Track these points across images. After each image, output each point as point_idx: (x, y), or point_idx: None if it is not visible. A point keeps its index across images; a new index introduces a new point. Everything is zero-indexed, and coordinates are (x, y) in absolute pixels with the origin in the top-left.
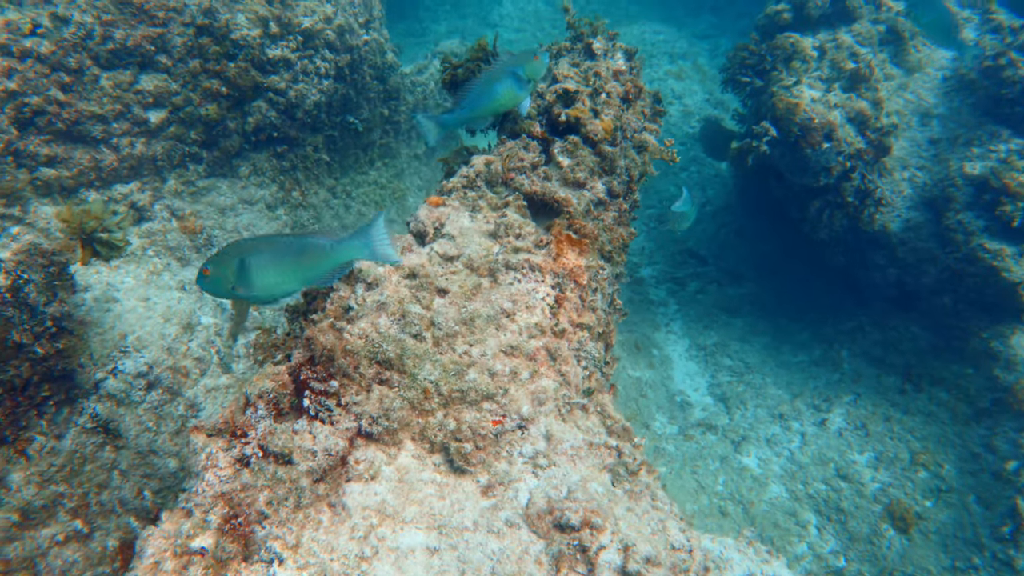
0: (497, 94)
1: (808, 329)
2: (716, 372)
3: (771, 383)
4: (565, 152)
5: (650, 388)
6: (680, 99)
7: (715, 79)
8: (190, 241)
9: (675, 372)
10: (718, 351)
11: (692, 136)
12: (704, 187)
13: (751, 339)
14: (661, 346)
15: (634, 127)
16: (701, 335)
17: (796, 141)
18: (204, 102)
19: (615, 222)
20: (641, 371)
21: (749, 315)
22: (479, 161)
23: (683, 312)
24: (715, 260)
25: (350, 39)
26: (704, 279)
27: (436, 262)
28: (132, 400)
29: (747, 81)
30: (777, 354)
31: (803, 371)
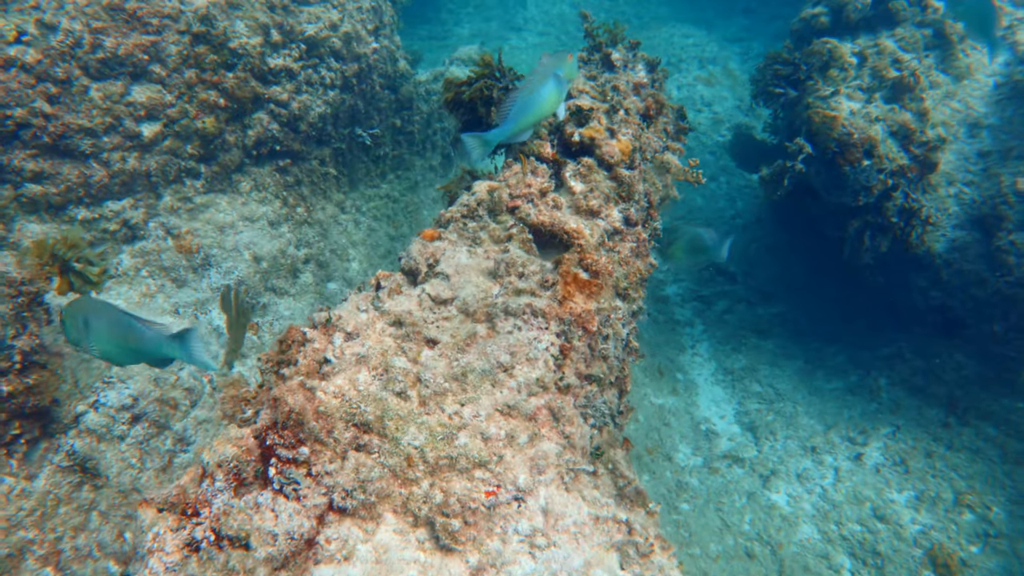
0: (543, 99)
1: (843, 353)
2: (744, 399)
3: (803, 412)
4: (578, 176)
5: (673, 416)
6: (710, 106)
7: (746, 85)
8: (186, 261)
9: (700, 398)
10: (747, 376)
11: (722, 145)
12: (734, 199)
13: (782, 363)
14: (686, 370)
15: (655, 147)
16: (729, 358)
17: (833, 158)
18: (201, 114)
19: (632, 254)
20: (664, 398)
21: (780, 337)
22: (481, 188)
23: (710, 333)
24: (744, 277)
25: (358, 47)
26: (732, 298)
27: (427, 306)
28: (115, 435)
29: (780, 92)
30: (810, 380)
31: (837, 399)
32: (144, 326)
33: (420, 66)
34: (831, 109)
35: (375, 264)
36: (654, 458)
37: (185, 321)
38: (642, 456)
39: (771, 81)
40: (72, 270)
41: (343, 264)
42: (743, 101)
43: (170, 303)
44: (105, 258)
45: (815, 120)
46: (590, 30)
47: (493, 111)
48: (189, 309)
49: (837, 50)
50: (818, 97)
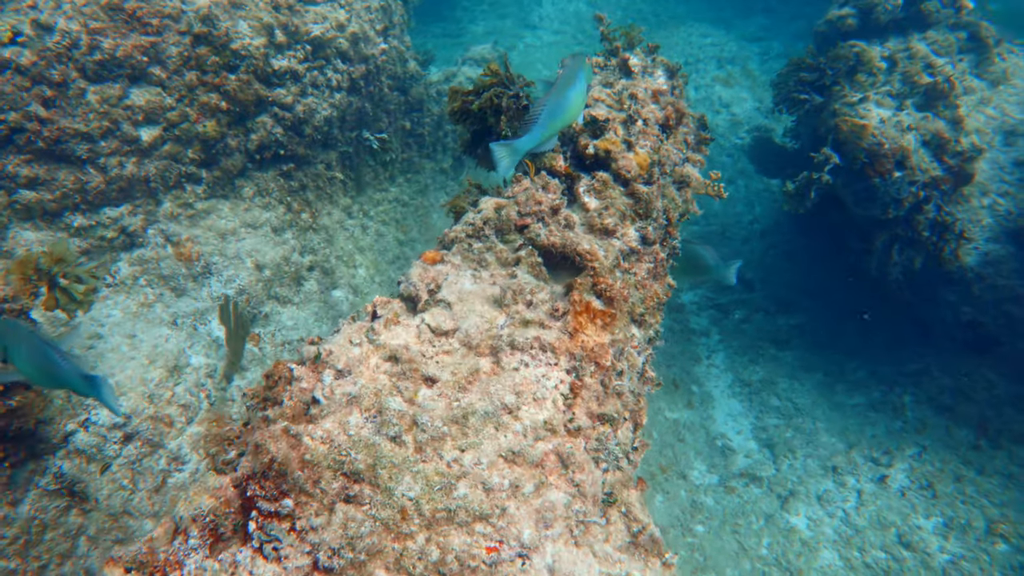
0: (570, 104)
1: (865, 367)
2: (762, 413)
3: (823, 429)
4: (592, 192)
5: (688, 431)
6: (728, 107)
7: (766, 85)
8: (186, 269)
9: (716, 412)
10: (764, 389)
11: (740, 148)
12: (752, 203)
13: (801, 376)
14: (702, 382)
15: (674, 159)
16: (746, 370)
17: (862, 169)
18: (202, 118)
19: (649, 275)
20: (679, 412)
21: (799, 348)
22: (488, 205)
23: (726, 343)
24: (762, 285)
25: (366, 48)
26: (750, 307)
27: (426, 339)
28: (106, 455)
29: (804, 99)
30: (830, 394)
31: (859, 416)
32: (61, 358)
33: (433, 65)
34: (860, 117)
35: (382, 270)
36: (668, 476)
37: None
38: (656, 475)
39: (795, 87)
40: (59, 287)
41: (349, 271)
42: (762, 102)
43: (168, 313)
44: (97, 274)
45: (843, 129)
46: (606, 33)
47: (503, 120)
48: (188, 319)
49: (865, 54)
50: (845, 104)
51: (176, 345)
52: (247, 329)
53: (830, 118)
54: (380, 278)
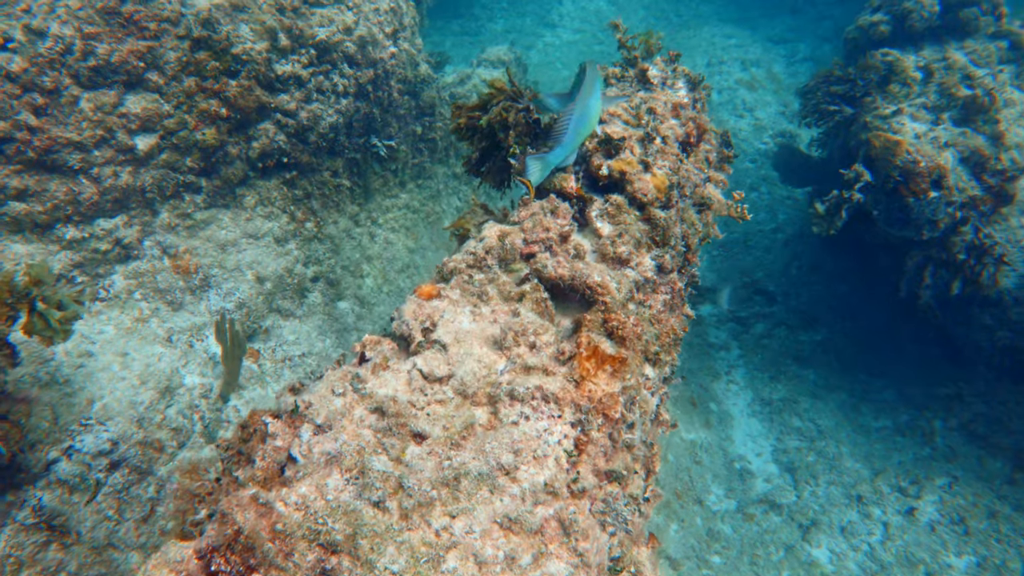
0: (592, 115)
1: (892, 387)
2: (783, 434)
3: (847, 453)
4: (605, 216)
5: (706, 453)
6: (752, 111)
7: (791, 89)
8: (183, 282)
9: (735, 432)
10: (786, 408)
11: (764, 153)
12: (775, 211)
13: (824, 396)
14: (720, 399)
15: (695, 179)
16: (767, 387)
17: (896, 188)
18: (201, 126)
19: (666, 308)
20: (696, 432)
21: (823, 366)
22: (491, 233)
23: (747, 359)
24: (785, 298)
25: (374, 52)
26: (772, 321)
27: (417, 386)
28: (90, 484)
29: (834, 110)
30: (855, 416)
31: (886, 440)
32: None
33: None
34: (893, 132)
35: (391, 279)
36: (684, 503)
37: None
38: (671, 503)
39: (823, 99)
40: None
41: (356, 281)
42: (787, 107)
43: (164, 328)
44: (81, 298)
45: (875, 144)
46: (623, 41)
47: (511, 136)
48: (184, 336)
49: (899, 63)
50: (877, 116)
51: (169, 364)
52: (244, 348)
53: (861, 132)
54: (388, 287)
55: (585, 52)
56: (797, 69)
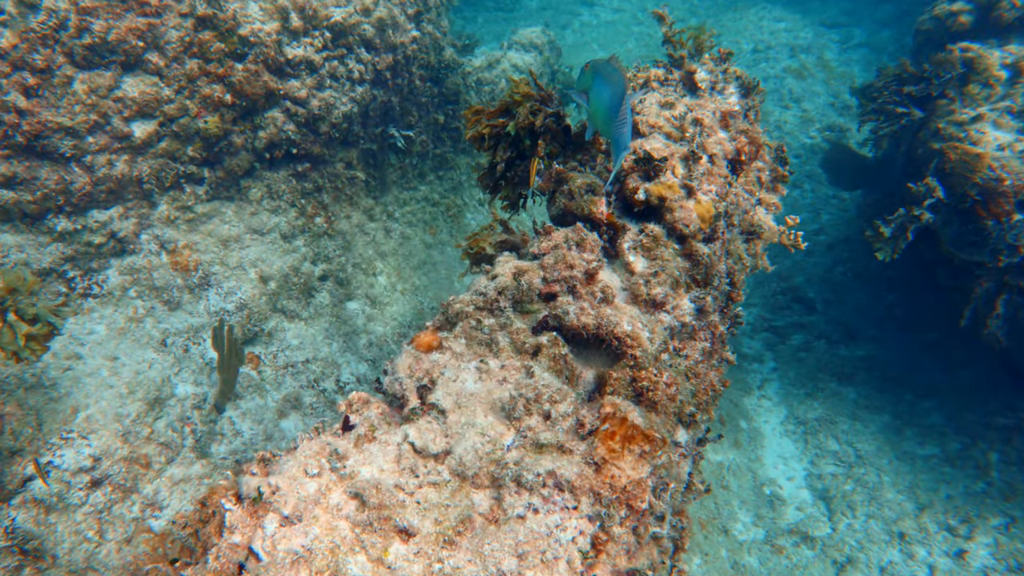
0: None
1: (941, 411)
2: (818, 458)
3: (889, 483)
4: (639, 249)
5: (733, 475)
6: (799, 102)
7: (843, 78)
8: (182, 280)
9: (766, 453)
10: (822, 429)
11: (810, 148)
12: (818, 211)
13: (865, 417)
14: (751, 416)
15: (744, 205)
16: (802, 405)
17: (972, 208)
18: (203, 112)
19: (705, 356)
20: (724, 452)
21: (864, 384)
22: (506, 271)
23: (781, 373)
24: (826, 307)
25: (394, 36)
26: (810, 332)
27: (407, 464)
28: (69, 503)
29: (902, 112)
30: (898, 440)
31: (933, 471)
32: None
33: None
34: (972, 142)
35: (406, 277)
36: (708, 533)
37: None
38: (694, 534)
39: (891, 99)
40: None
41: (368, 279)
42: (837, 97)
43: (159, 329)
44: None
45: (951, 157)
46: (669, 35)
47: (541, 145)
48: (180, 339)
49: (981, 60)
50: (952, 122)
51: (161, 372)
52: (241, 357)
53: (932, 139)
54: (403, 286)
55: (623, 33)
56: (850, 56)
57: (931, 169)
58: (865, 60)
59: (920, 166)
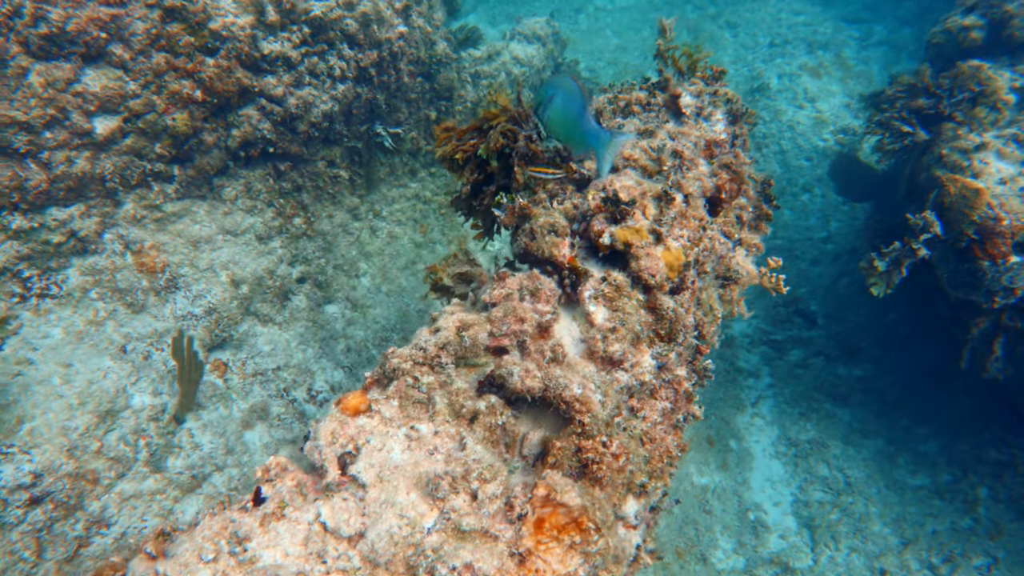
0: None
1: (936, 438)
2: (807, 483)
3: (876, 514)
4: (600, 299)
5: (718, 499)
6: (813, 103)
7: (861, 78)
8: (147, 282)
9: (754, 475)
10: (813, 452)
11: (822, 151)
12: (827, 217)
13: (858, 442)
14: (742, 435)
15: (721, 250)
16: (795, 425)
17: (969, 247)
18: (171, 109)
19: (664, 417)
20: (710, 475)
21: (860, 407)
22: (449, 324)
23: (777, 390)
24: (827, 322)
25: (379, 32)
26: (810, 348)
27: (316, 548)
28: (4, 522)
29: (907, 132)
30: (890, 468)
31: (921, 503)
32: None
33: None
34: (973, 174)
35: (392, 278)
36: (685, 562)
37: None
38: (669, 564)
39: (899, 114)
40: None
41: (350, 281)
42: (853, 98)
43: (121, 334)
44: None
45: (950, 191)
46: (663, 49)
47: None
48: (142, 344)
49: (991, 81)
50: (956, 149)
51: (116, 382)
52: (201, 371)
53: (935, 165)
54: (388, 287)
55: (639, 20)
56: (869, 55)
57: (931, 200)
58: (884, 59)
59: (922, 193)
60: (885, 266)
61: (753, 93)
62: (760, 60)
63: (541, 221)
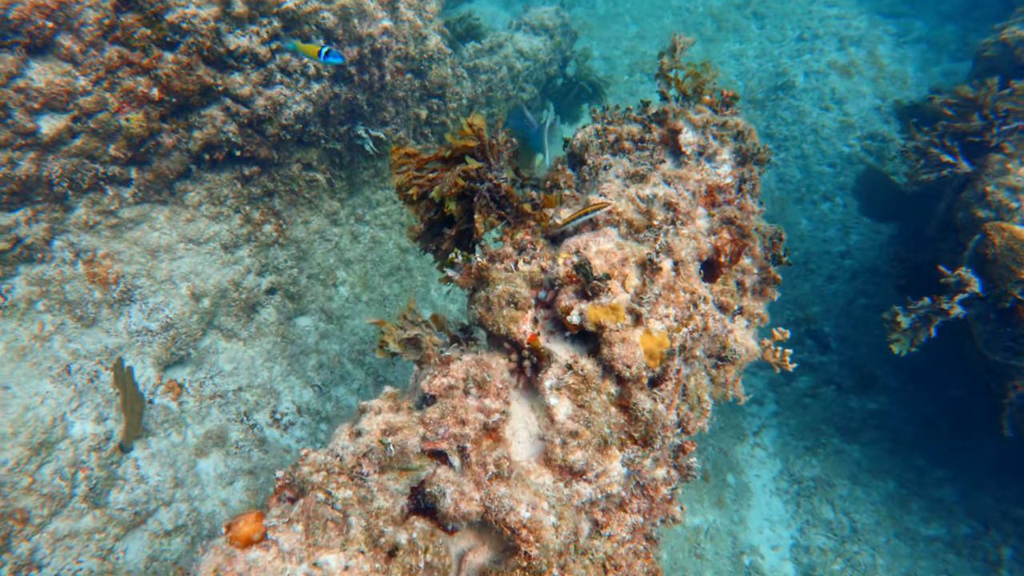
0: None
1: (954, 484)
2: (808, 526)
3: (883, 568)
4: (564, 391)
5: (711, 541)
6: (840, 104)
7: (894, 79)
8: (100, 294)
9: (752, 514)
10: (818, 492)
11: (847, 158)
12: (848, 229)
13: (868, 483)
14: (741, 469)
15: (715, 328)
16: (799, 460)
17: (1014, 309)
18: (126, 108)
19: (633, 535)
20: (704, 513)
21: (872, 444)
22: (373, 427)
23: (782, 420)
24: (841, 346)
25: (360, 26)
26: (820, 375)
27: None
28: None
29: (948, 162)
30: (901, 514)
31: (935, 557)
32: None
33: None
34: (1020, 224)
35: (374, 286)
36: None
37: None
38: None
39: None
40: None
41: (326, 291)
42: (885, 100)
43: (68, 350)
44: None
45: (994, 241)
46: (666, 69)
47: (479, 220)
48: (90, 363)
49: None
50: (1004, 186)
51: (54, 409)
52: (143, 404)
53: (976, 203)
54: (369, 295)
55: (660, 6)
56: (906, 53)
57: (970, 249)
58: (922, 58)
59: (959, 233)
60: (910, 323)
61: (776, 91)
62: (786, 55)
63: (499, 290)
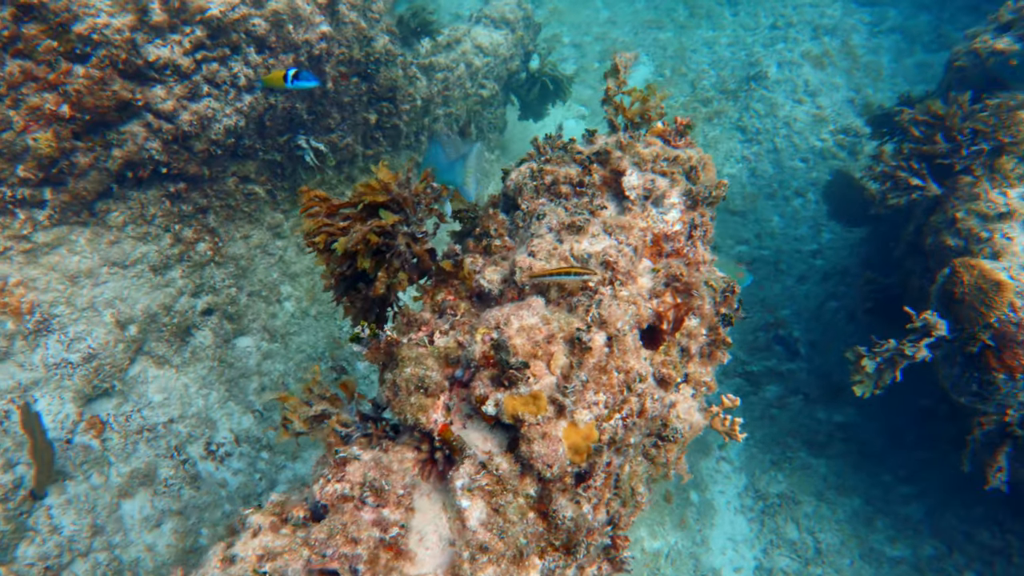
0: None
1: (921, 500)
2: (772, 547)
3: None
4: (476, 492)
5: (671, 564)
6: (813, 97)
7: (868, 69)
8: (13, 324)
9: (715, 534)
10: (783, 509)
11: (819, 153)
12: (819, 227)
13: (834, 499)
14: (705, 485)
15: (654, 408)
16: (765, 475)
17: (980, 354)
18: (33, 127)
19: None
20: (665, 536)
21: (839, 458)
22: (248, 552)
23: (748, 432)
24: (810, 353)
25: (296, 32)
26: (788, 383)
27: None
28: None
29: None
30: (867, 533)
31: None
32: None
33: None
34: (992, 254)
35: (323, 299)
36: None
37: None
38: None
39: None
40: None
41: (269, 308)
42: (859, 93)
43: None
44: None
45: (963, 278)
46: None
47: (383, 276)
48: (2, 401)
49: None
50: (974, 213)
51: None
52: (52, 451)
53: (946, 230)
54: (318, 308)
55: None
56: (880, 43)
57: (937, 285)
58: (896, 49)
59: (928, 259)
60: (874, 367)
61: (750, 81)
62: (760, 44)
63: (407, 373)
